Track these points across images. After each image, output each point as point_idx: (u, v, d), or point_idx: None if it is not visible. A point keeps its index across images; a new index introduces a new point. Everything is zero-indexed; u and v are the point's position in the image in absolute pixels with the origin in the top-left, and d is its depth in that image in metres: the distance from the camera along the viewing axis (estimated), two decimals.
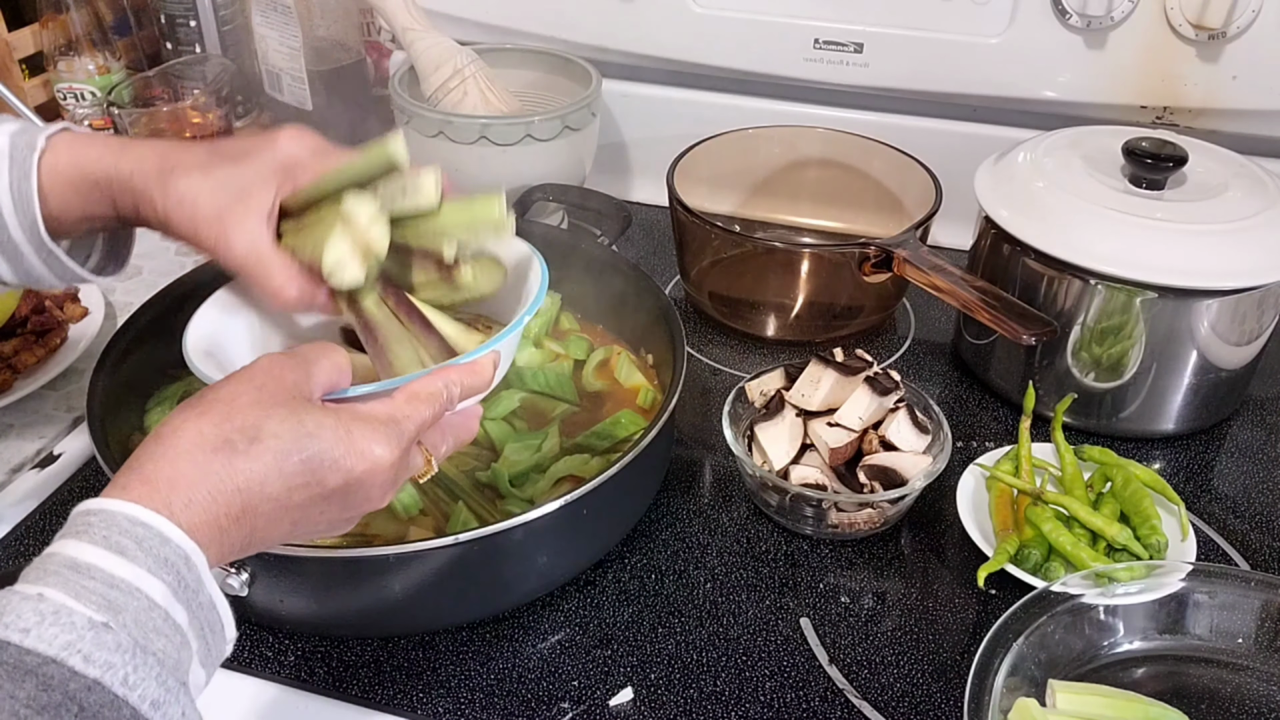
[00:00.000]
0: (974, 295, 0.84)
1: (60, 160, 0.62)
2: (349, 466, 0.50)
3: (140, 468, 0.46)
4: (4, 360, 0.92)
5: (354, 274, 0.60)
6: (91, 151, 0.62)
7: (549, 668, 0.69)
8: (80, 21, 1.20)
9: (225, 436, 0.48)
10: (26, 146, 0.61)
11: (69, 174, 0.62)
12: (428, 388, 0.55)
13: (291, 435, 0.49)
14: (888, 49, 1.07)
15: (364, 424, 0.51)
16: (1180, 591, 0.69)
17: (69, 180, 0.62)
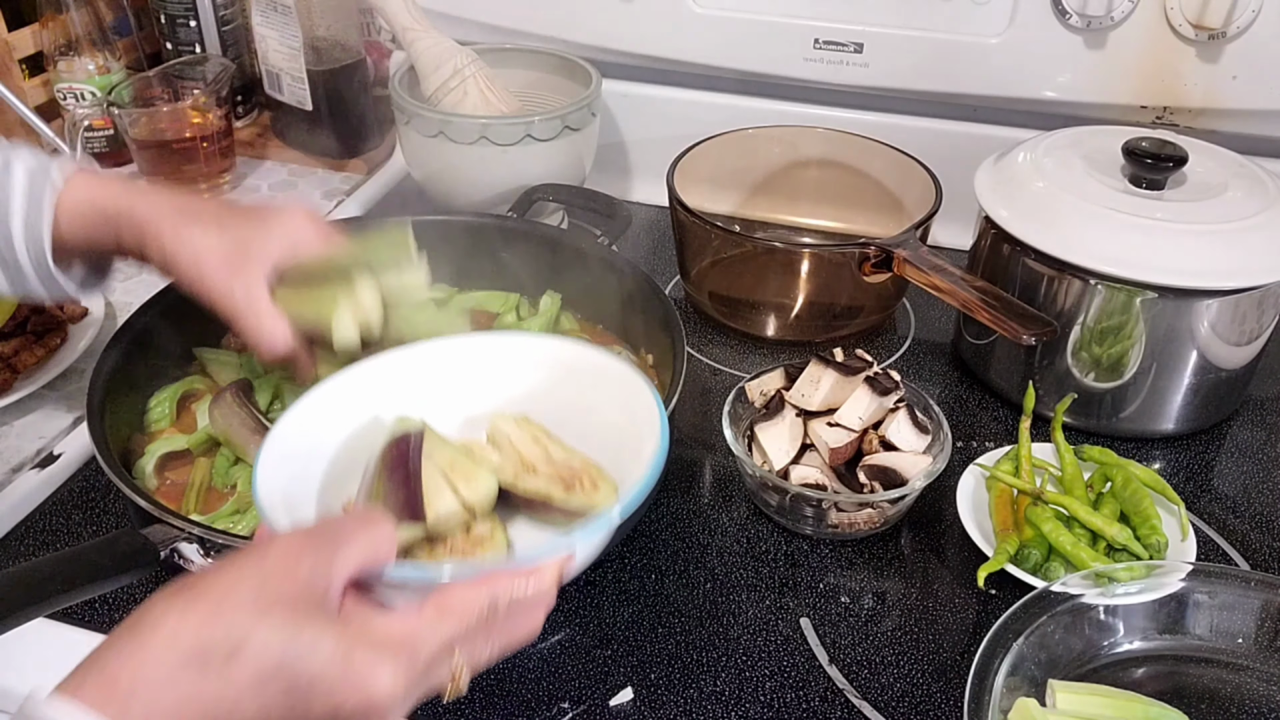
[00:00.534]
0: (974, 295, 0.84)
1: (76, 194, 0.66)
2: (340, 700, 0.43)
3: (105, 664, 0.41)
4: (4, 360, 0.92)
5: (351, 337, 0.70)
6: (108, 190, 0.67)
7: (549, 668, 0.69)
8: (80, 21, 1.20)
9: (203, 646, 0.41)
10: (46, 181, 0.65)
11: (82, 207, 0.66)
12: (465, 601, 0.46)
13: (279, 653, 0.42)
14: (888, 49, 1.07)
15: (370, 648, 0.44)
16: (1180, 591, 0.69)
17: (80, 213, 0.67)
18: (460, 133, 1.01)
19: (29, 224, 0.65)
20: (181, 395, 0.83)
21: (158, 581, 0.74)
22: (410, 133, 1.06)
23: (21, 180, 0.65)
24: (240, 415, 0.77)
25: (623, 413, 0.60)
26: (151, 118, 1.18)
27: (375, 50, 1.33)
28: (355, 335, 0.71)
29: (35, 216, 0.65)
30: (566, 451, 0.60)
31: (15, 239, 0.65)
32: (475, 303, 0.93)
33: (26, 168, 0.66)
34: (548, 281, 0.93)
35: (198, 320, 0.87)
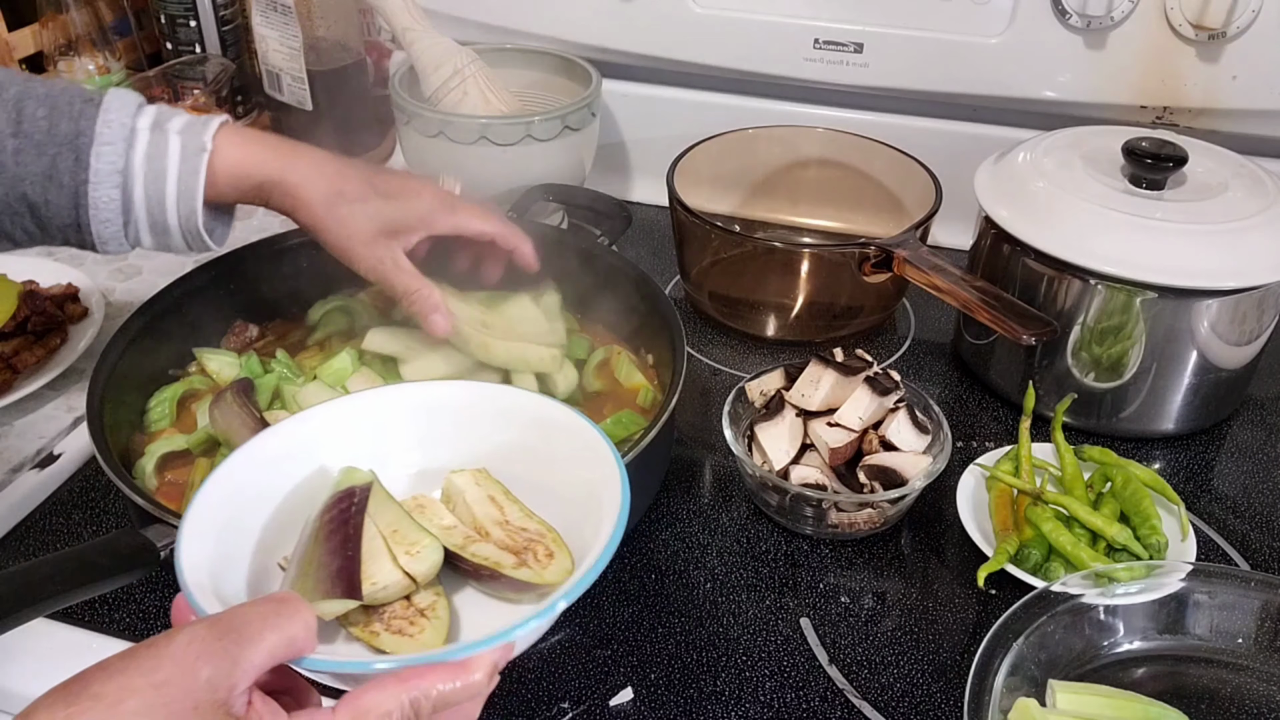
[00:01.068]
0: (974, 295, 0.84)
1: (227, 160, 0.68)
2: None
3: None
4: (4, 360, 0.92)
5: None
6: (257, 155, 0.69)
7: (549, 668, 0.69)
8: (80, 21, 1.20)
9: None
10: (196, 148, 0.67)
11: (234, 172, 0.69)
12: (383, 702, 0.43)
13: None
14: (888, 49, 1.07)
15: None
16: (1180, 591, 0.69)
17: (233, 178, 0.69)
18: (460, 133, 1.01)
19: (182, 188, 0.67)
20: (181, 395, 0.83)
21: (158, 581, 0.74)
22: (410, 133, 1.06)
23: (176, 149, 0.66)
24: (240, 415, 0.77)
25: (587, 474, 0.55)
26: None
27: (375, 50, 1.33)
28: None
29: (190, 181, 0.67)
30: (524, 514, 0.57)
31: (168, 203, 0.67)
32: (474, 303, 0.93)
33: (180, 136, 0.67)
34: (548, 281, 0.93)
35: (198, 320, 0.88)
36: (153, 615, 0.72)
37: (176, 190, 0.67)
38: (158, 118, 0.67)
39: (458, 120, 1.02)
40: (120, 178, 0.65)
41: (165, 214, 0.67)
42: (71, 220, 0.65)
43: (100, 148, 0.64)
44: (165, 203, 0.67)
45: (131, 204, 0.66)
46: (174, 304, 0.85)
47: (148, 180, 0.66)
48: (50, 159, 0.63)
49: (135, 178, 0.66)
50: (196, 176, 0.67)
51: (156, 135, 0.66)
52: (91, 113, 0.65)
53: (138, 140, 0.66)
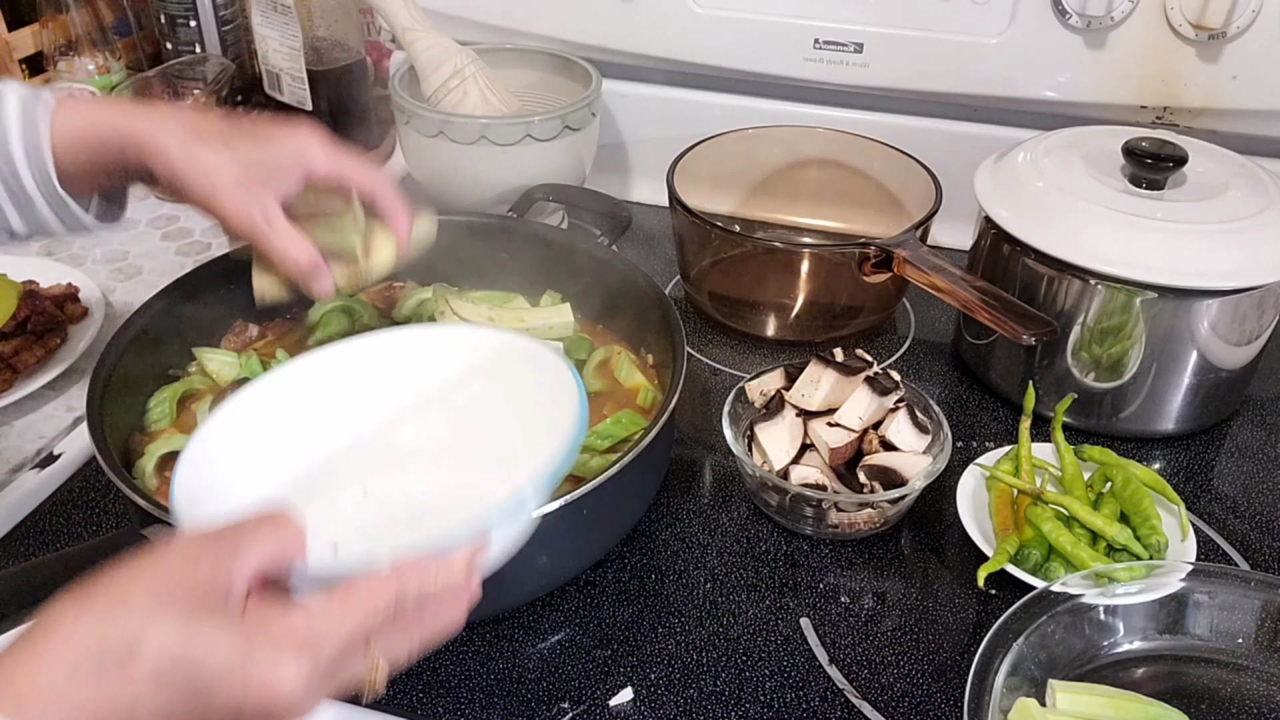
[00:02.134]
0: (974, 295, 0.84)
1: (73, 117, 0.64)
2: (241, 698, 0.42)
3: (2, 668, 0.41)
4: (4, 360, 0.92)
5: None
6: (105, 111, 0.65)
7: (549, 668, 0.69)
8: (80, 21, 1.20)
9: (98, 649, 0.41)
10: (37, 103, 0.64)
11: (81, 129, 0.64)
12: (370, 594, 0.45)
13: (175, 655, 0.41)
14: (888, 49, 1.06)
15: (270, 646, 0.43)
16: (1180, 591, 0.69)
17: (80, 135, 0.64)
18: (460, 133, 1.01)
19: (29, 145, 0.63)
20: (181, 395, 0.83)
21: None
22: (410, 133, 1.06)
23: (14, 105, 0.63)
24: None
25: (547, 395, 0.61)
26: None
27: (375, 50, 1.33)
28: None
29: (33, 136, 0.63)
30: None
31: (18, 163, 0.63)
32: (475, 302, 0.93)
33: (18, 95, 0.64)
34: (548, 281, 0.93)
35: (198, 320, 0.88)
36: None
37: (24, 150, 0.62)
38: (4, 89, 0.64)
39: (458, 120, 1.02)
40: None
41: (20, 180, 0.63)
42: None
43: None
44: (15, 167, 0.63)
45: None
46: (174, 304, 0.85)
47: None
48: None
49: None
50: (38, 132, 0.63)
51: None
52: None
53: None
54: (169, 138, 0.64)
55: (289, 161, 0.67)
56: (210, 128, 0.65)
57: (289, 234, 0.67)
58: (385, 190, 0.72)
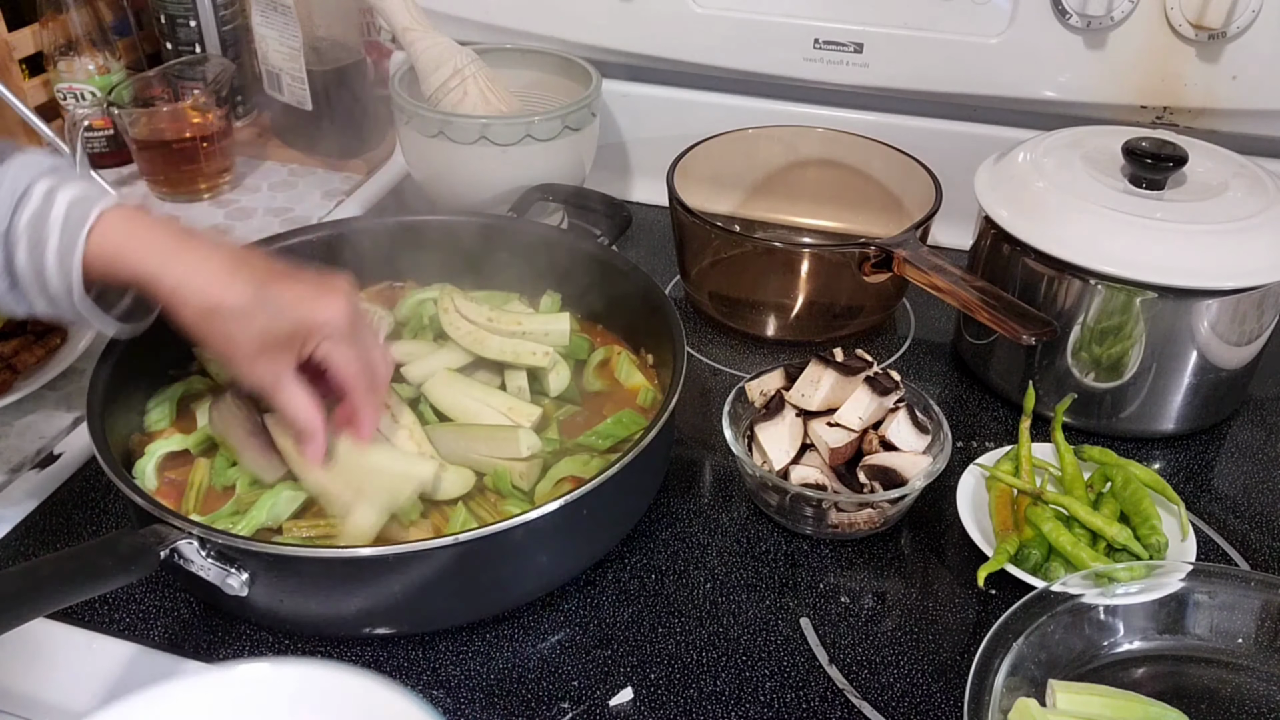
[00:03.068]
0: (974, 295, 0.84)
1: (107, 244, 0.64)
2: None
3: None
4: (4, 360, 0.92)
5: None
6: (137, 247, 0.65)
7: (549, 668, 0.69)
8: (80, 21, 1.20)
9: None
10: (79, 219, 0.64)
11: (111, 260, 0.64)
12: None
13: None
14: (888, 49, 1.07)
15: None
16: (1180, 591, 0.69)
17: (110, 265, 0.65)
18: (460, 133, 1.01)
19: (62, 258, 0.64)
20: (181, 395, 0.83)
21: (158, 581, 0.74)
22: (410, 133, 1.06)
23: (60, 212, 0.64)
24: (238, 416, 0.77)
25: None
26: (151, 118, 1.18)
27: (375, 50, 1.33)
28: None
29: (67, 253, 0.64)
30: None
31: (48, 274, 0.64)
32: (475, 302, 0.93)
33: (68, 199, 0.64)
34: (548, 281, 0.93)
35: None
36: (153, 615, 0.72)
37: (57, 261, 0.64)
38: (55, 184, 0.64)
39: (458, 120, 1.02)
40: (4, 238, 0.63)
41: (47, 283, 0.64)
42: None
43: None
44: (45, 271, 0.64)
45: (14, 268, 0.64)
46: None
47: (30, 246, 0.63)
48: None
49: (18, 242, 0.63)
50: (73, 251, 0.64)
51: (45, 201, 0.64)
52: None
53: (27, 203, 0.63)
54: (191, 301, 0.65)
55: (307, 333, 0.68)
56: (233, 296, 0.65)
57: (299, 401, 0.70)
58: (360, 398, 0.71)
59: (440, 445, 0.77)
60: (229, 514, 0.73)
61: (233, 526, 0.71)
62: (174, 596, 0.73)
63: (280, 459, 0.75)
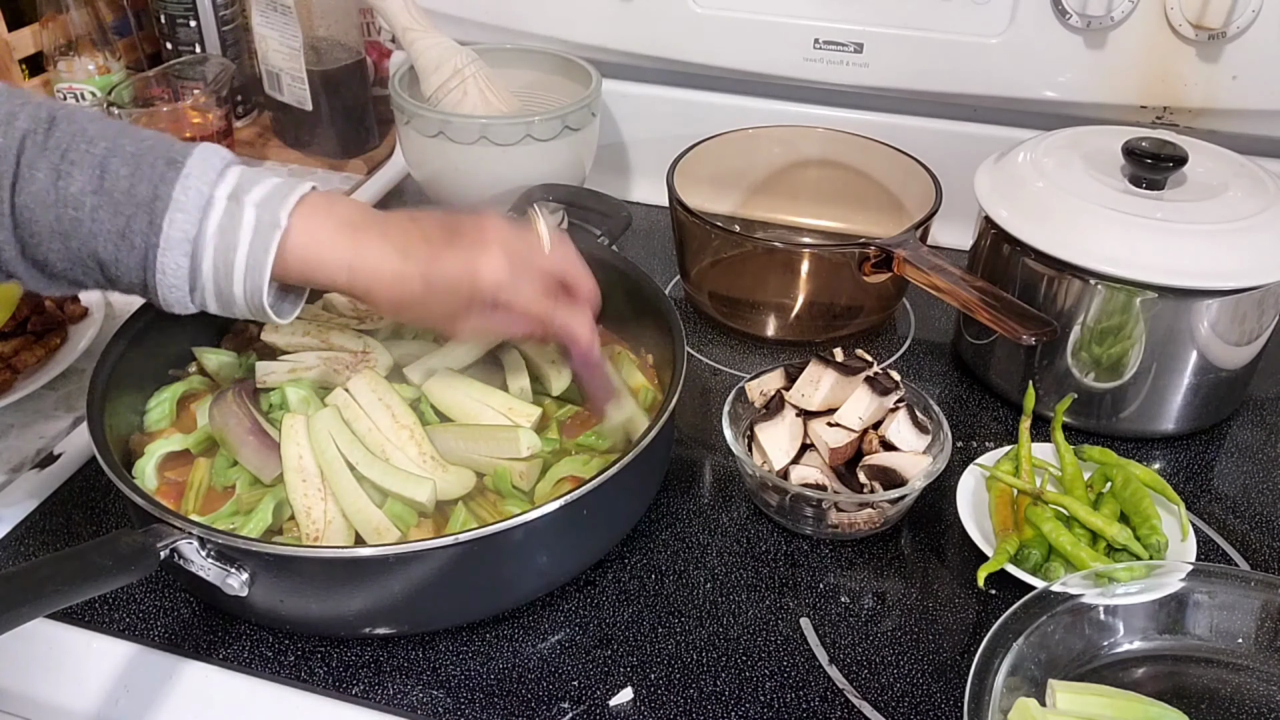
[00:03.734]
0: (974, 295, 0.84)
1: (293, 251, 0.66)
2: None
3: None
4: (4, 360, 0.92)
5: None
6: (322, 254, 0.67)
7: (549, 668, 0.69)
8: (80, 21, 1.20)
9: None
10: (270, 224, 0.64)
11: (297, 266, 0.66)
12: None
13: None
14: (888, 49, 1.07)
15: None
16: (1180, 591, 0.69)
17: (300, 271, 0.67)
18: (460, 133, 1.01)
19: (251, 266, 0.65)
20: (181, 395, 0.83)
21: (158, 581, 0.74)
22: (410, 133, 1.06)
23: (250, 219, 0.64)
24: (238, 415, 0.77)
25: None
26: (151, 118, 1.18)
27: (375, 50, 1.33)
28: None
29: (260, 260, 0.65)
30: None
31: (235, 276, 0.65)
32: None
33: (256, 206, 0.65)
34: None
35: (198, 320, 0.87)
36: (153, 615, 0.72)
37: (245, 265, 0.65)
38: (238, 186, 0.65)
39: (458, 120, 1.02)
40: (190, 245, 0.63)
41: (231, 286, 0.65)
42: (139, 280, 0.64)
43: (174, 214, 0.62)
44: (232, 275, 0.65)
45: (199, 273, 0.65)
46: None
47: (217, 252, 0.64)
48: (125, 219, 0.62)
49: (205, 248, 0.64)
50: (266, 255, 0.65)
51: (232, 206, 0.64)
52: (172, 176, 0.63)
53: (213, 210, 0.64)
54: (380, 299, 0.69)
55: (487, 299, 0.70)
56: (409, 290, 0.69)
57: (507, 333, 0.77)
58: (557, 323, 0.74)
59: (440, 445, 0.77)
60: (229, 514, 0.73)
61: (233, 526, 0.71)
62: (174, 596, 0.73)
63: (279, 458, 0.75)
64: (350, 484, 0.73)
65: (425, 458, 0.75)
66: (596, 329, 0.76)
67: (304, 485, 0.73)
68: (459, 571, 0.66)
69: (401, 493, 0.73)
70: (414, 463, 0.75)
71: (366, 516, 0.71)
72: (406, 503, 0.73)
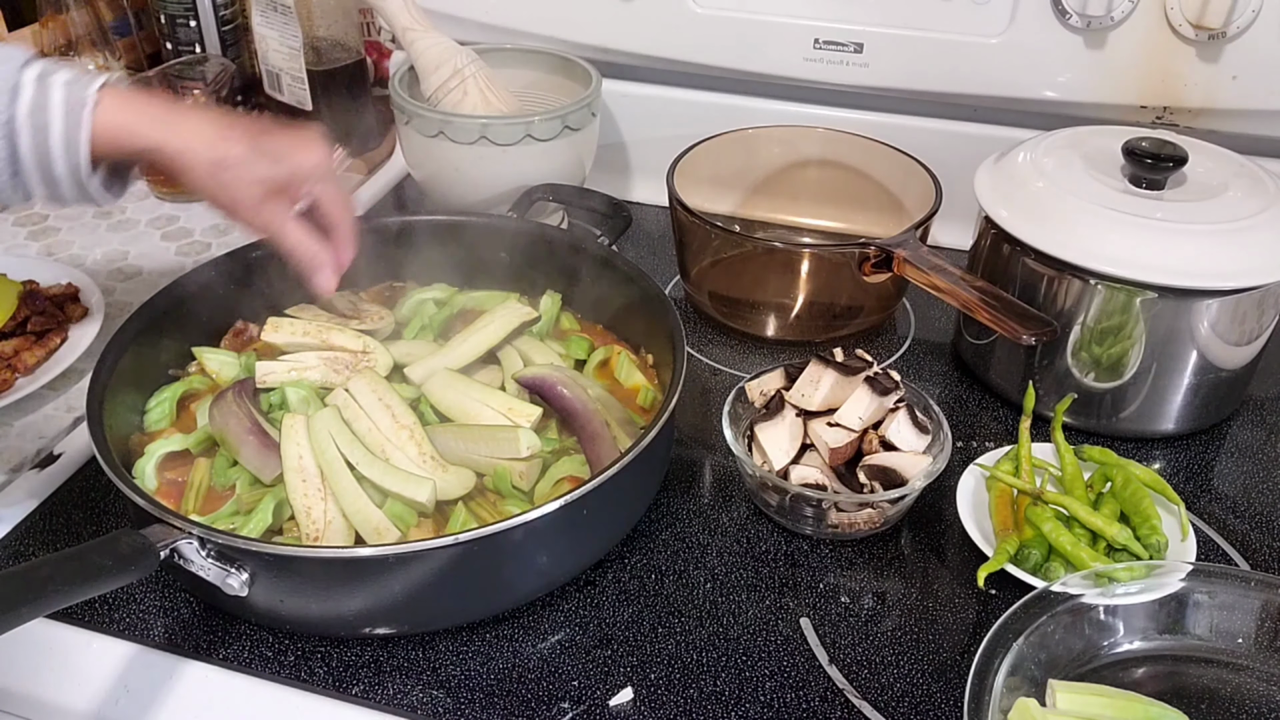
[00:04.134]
0: (974, 295, 0.84)
1: (109, 119, 0.69)
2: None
3: None
4: (4, 360, 0.92)
5: None
6: (139, 120, 0.70)
7: (549, 668, 0.69)
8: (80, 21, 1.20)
9: None
10: (78, 101, 0.67)
11: (115, 133, 0.69)
12: None
13: None
14: (888, 49, 1.07)
15: None
16: (1180, 591, 0.69)
17: (115, 137, 0.69)
18: (460, 133, 1.01)
19: (68, 140, 0.67)
20: (181, 395, 0.83)
21: (158, 581, 0.74)
22: (410, 133, 1.06)
23: (59, 97, 0.67)
24: (238, 415, 0.77)
25: None
26: None
27: (375, 50, 1.33)
28: None
29: (73, 133, 0.67)
30: None
31: (54, 153, 0.67)
32: (475, 302, 0.93)
33: (64, 84, 0.68)
34: (547, 281, 0.93)
35: (198, 320, 0.88)
36: (153, 615, 0.72)
37: (62, 142, 0.67)
38: (42, 71, 0.68)
39: (458, 120, 1.02)
40: (5, 129, 0.66)
41: (52, 166, 0.68)
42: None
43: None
44: (50, 155, 0.68)
45: (18, 157, 0.67)
46: (174, 304, 0.85)
47: (34, 132, 0.67)
48: None
49: (20, 130, 0.67)
50: (79, 130, 0.68)
51: (40, 88, 0.67)
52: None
53: (22, 93, 0.67)
54: (196, 161, 0.71)
55: (299, 180, 0.76)
56: (234, 151, 0.72)
57: (298, 234, 0.77)
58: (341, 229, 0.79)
59: (440, 445, 0.77)
60: (229, 514, 0.73)
61: (233, 526, 0.71)
62: (174, 596, 0.73)
63: (279, 458, 0.75)
64: (350, 484, 0.73)
65: (425, 458, 0.75)
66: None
67: (304, 485, 0.73)
68: (459, 571, 0.66)
69: (401, 493, 0.73)
70: (414, 463, 0.75)
71: (366, 516, 0.71)
72: (406, 503, 0.73)
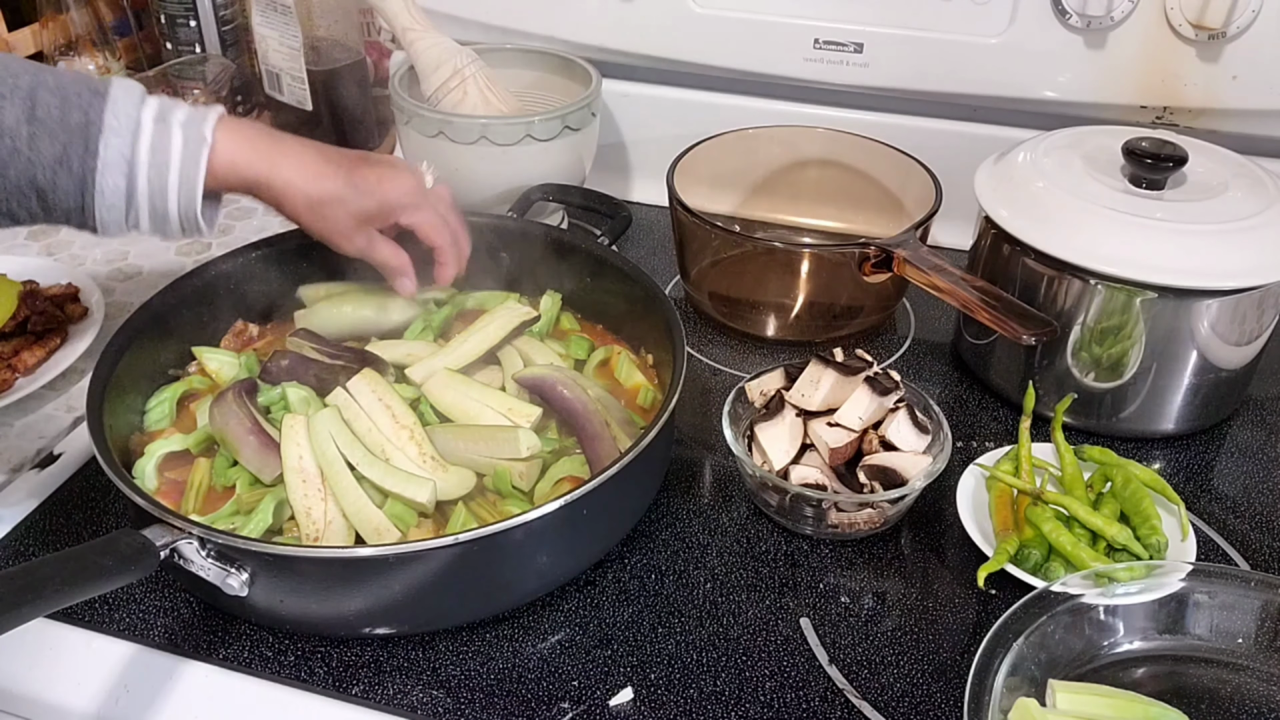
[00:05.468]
0: (974, 295, 0.84)
1: (220, 159, 0.72)
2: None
3: None
4: (4, 360, 0.92)
5: None
6: (248, 154, 0.74)
7: (549, 668, 0.69)
8: (80, 21, 1.20)
9: None
10: (197, 141, 0.71)
11: (224, 173, 0.73)
12: None
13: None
14: (888, 49, 1.07)
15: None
16: (1180, 591, 0.69)
17: (227, 176, 0.74)
18: (460, 133, 1.01)
19: (184, 181, 0.70)
20: (181, 395, 0.83)
21: (158, 581, 0.74)
22: (410, 133, 1.06)
23: (179, 137, 0.70)
24: (238, 415, 0.77)
25: None
26: None
27: (375, 50, 1.33)
28: None
29: (192, 174, 0.70)
30: None
31: (169, 193, 0.70)
32: (475, 302, 0.93)
33: (181, 125, 0.71)
34: (548, 281, 0.93)
35: (198, 320, 0.88)
36: (153, 615, 0.72)
37: (179, 181, 0.70)
38: (160, 110, 0.71)
39: (458, 120, 1.02)
40: (127, 166, 0.68)
41: (166, 203, 0.71)
42: (76, 205, 0.68)
43: (109, 138, 0.68)
44: (167, 192, 0.70)
45: (135, 193, 0.69)
46: (174, 304, 0.85)
47: (152, 170, 0.69)
48: (62, 145, 0.67)
49: (140, 167, 0.69)
50: (197, 169, 0.71)
51: (160, 127, 0.70)
52: (99, 104, 0.68)
53: (143, 131, 0.69)
54: (298, 197, 0.76)
55: (389, 212, 0.81)
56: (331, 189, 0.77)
57: (390, 247, 0.83)
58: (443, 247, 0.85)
59: (440, 445, 0.77)
60: (229, 514, 0.73)
61: (233, 526, 0.71)
62: (174, 596, 0.73)
63: (279, 458, 0.75)
64: (350, 484, 0.73)
65: (425, 458, 0.75)
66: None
67: (304, 485, 0.73)
68: (459, 571, 0.66)
69: (401, 493, 0.73)
70: (414, 463, 0.75)
71: (366, 517, 0.71)
72: (406, 503, 0.73)
